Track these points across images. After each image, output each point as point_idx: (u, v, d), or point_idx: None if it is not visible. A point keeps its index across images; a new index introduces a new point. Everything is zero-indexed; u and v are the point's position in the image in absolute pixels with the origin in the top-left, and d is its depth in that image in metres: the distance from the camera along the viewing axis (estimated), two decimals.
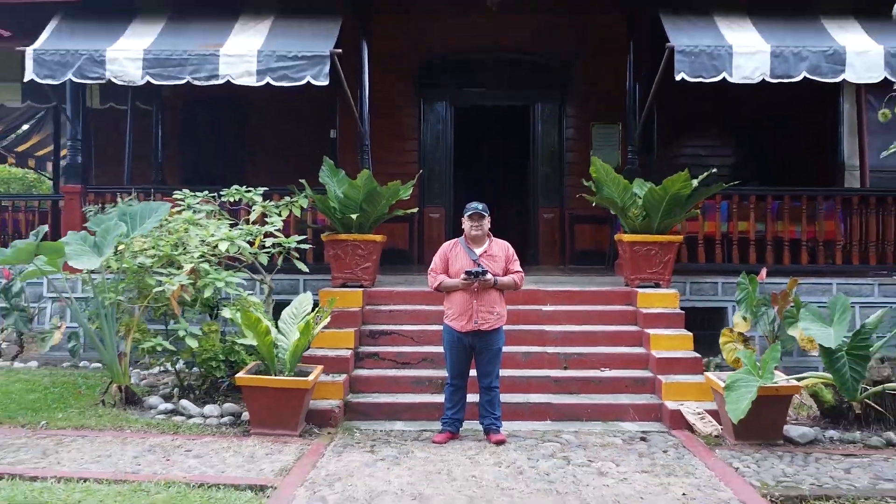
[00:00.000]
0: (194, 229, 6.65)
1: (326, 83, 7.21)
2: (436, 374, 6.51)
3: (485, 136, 12.12)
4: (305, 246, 7.27)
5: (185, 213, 6.89)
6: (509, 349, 6.34)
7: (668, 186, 7.16)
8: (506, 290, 5.81)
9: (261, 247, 6.89)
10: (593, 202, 7.96)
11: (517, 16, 9.80)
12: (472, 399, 5.86)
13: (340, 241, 7.51)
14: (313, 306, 6.40)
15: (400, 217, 8.14)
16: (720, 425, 5.84)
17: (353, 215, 7.38)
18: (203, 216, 6.96)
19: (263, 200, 7.37)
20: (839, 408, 6.00)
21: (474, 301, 5.62)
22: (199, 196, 7.25)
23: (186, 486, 4.49)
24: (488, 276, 5.60)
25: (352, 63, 8.14)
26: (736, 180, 8.52)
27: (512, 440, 5.66)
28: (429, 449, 5.45)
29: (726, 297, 7.99)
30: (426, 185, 10.29)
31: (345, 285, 7.51)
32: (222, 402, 6.36)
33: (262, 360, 6.00)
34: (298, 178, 7.84)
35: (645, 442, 5.70)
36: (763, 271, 7.39)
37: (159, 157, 10.50)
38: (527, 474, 4.90)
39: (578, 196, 8.65)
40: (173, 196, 7.28)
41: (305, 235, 7.45)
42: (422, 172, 9.71)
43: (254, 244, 6.85)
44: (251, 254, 6.76)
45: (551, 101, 10.55)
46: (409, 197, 7.73)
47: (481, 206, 5.78)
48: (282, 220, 7.20)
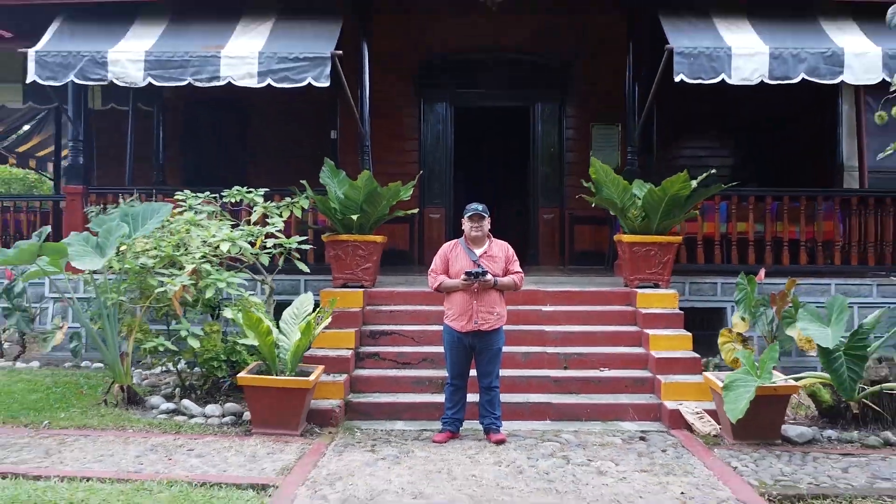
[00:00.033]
0: (196, 230, 6.68)
1: (327, 84, 7.24)
2: (436, 374, 6.54)
3: (485, 136, 12.14)
4: (306, 247, 7.29)
5: (187, 213, 6.92)
6: (509, 349, 6.37)
7: (667, 187, 7.19)
8: (506, 290, 5.84)
9: (262, 247, 6.92)
10: (593, 203, 7.98)
11: (517, 16, 9.81)
12: (473, 399, 5.89)
13: (341, 242, 7.54)
14: (314, 307, 6.43)
15: (400, 218, 8.17)
16: (719, 425, 5.87)
17: (354, 216, 7.41)
18: (204, 217, 6.99)
19: (264, 201, 7.41)
20: (837, 407, 6.03)
21: (474, 301, 5.65)
22: (200, 197, 7.28)
23: (189, 485, 4.52)
24: (488, 277, 5.63)
25: (352, 64, 8.17)
26: (735, 181, 8.54)
27: (512, 440, 5.69)
28: (429, 448, 5.48)
29: (725, 297, 8.02)
30: (426, 186, 10.30)
31: (345, 286, 7.53)
32: (224, 401, 6.40)
33: (263, 360, 6.03)
34: (299, 179, 7.87)
35: (644, 441, 5.73)
36: (761, 272, 7.41)
37: (160, 158, 10.54)
38: (526, 473, 4.93)
39: (578, 197, 8.67)
40: (175, 197, 7.31)
41: (306, 236, 7.48)
42: (422, 173, 9.72)
43: (255, 245, 6.89)
44: (252, 254, 6.79)
45: (551, 101, 10.56)
46: (409, 198, 7.75)
47: (481, 208, 5.80)
48: (283, 221, 7.23)
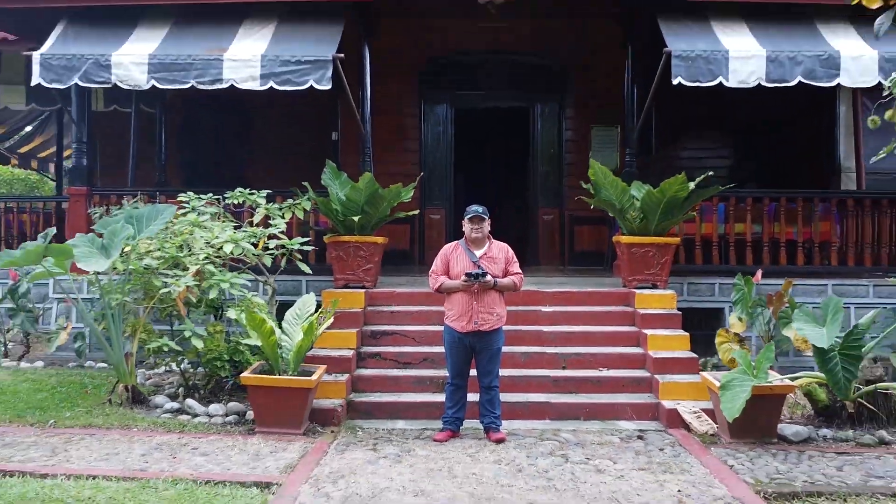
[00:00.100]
0: (199, 231, 6.75)
1: (329, 87, 7.29)
2: (437, 373, 6.60)
3: (487, 137, 12.21)
4: (308, 248, 7.34)
5: (190, 215, 6.97)
6: (509, 349, 6.44)
7: (665, 189, 7.24)
8: (505, 291, 5.90)
9: (264, 248, 6.99)
10: (591, 204, 8.02)
11: (517, 19, 9.87)
12: (473, 398, 5.96)
13: (343, 243, 7.60)
14: (316, 307, 6.49)
15: (401, 218, 8.24)
16: (716, 424, 5.93)
17: (355, 217, 7.47)
18: (208, 218, 7.05)
19: (267, 203, 7.47)
20: (833, 407, 6.09)
21: (474, 302, 5.72)
22: (203, 198, 7.34)
23: (193, 482, 4.59)
24: (488, 278, 5.69)
25: (354, 66, 8.22)
26: (733, 183, 8.57)
27: (511, 438, 5.75)
28: (430, 447, 5.54)
29: (723, 297, 8.08)
30: (427, 187, 10.36)
31: (347, 286, 7.59)
32: (227, 401, 6.46)
33: (266, 360, 6.10)
34: (301, 181, 7.93)
35: (642, 440, 5.80)
36: (758, 273, 7.45)
37: (163, 160, 10.61)
38: (526, 472, 5.00)
39: (577, 198, 8.73)
40: (178, 198, 7.37)
41: (308, 237, 7.52)
42: (423, 174, 9.77)
43: (257, 246, 6.95)
44: (255, 255, 6.86)
45: (551, 102, 10.64)
46: (410, 199, 7.81)
47: (481, 210, 5.86)
48: (285, 223, 7.28)
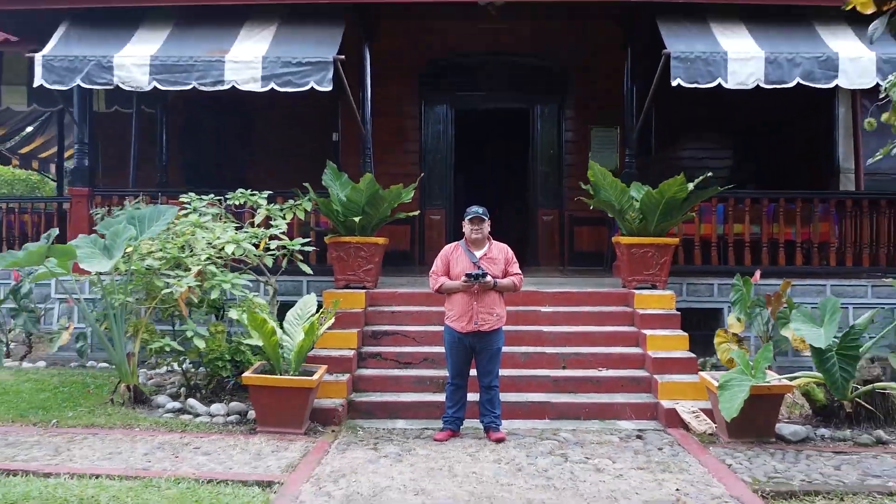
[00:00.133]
0: (201, 232, 6.78)
1: (330, 89, 7.33)
2: (437, 373, 6.63)
3: (487, 138, 12.23)
4: (309, 248, 7.38)
5: (192, 216, 7.02)
6: (509, 349, 6.47)
7: (664, 190, 7.27)
8: (505, 291, 5.93)
9: (266, 249, 7.03)
10: (591, 205, 8.04)
11: (517, 21, 9.89)
12: (473, 398, 5.99)
13: (343, 244, 7.63)
14: (317, 307, 6.53)
15: (401, 219, 8.27)
16: (714, 424, 5.97)
17: (356, 218, 7.50)
18: (209, 219, 7.09)
19: (268, 204, 7.51)
20: (831, 407, 6.12)
21: (474, 302, 5.75)
22: (204, 199, 7.37)
23: (196, 481, 4.62)
24: (488, 279, 5.73)
25: (354, 67, 8.24)
26: (732, 183, 8.59)
27: (511, 438, 5.78)
28: (430, 446, 5.58)
29: (722, 298, 8.11)
30: (427, 188, 10.37)
31: (348, 287, 7.63)
32: (228, 401, 6.49)
33: (267, 360, 6.13)
34: (302, 182, 7.96)
35: (641, 440, 5.83)
36: (757, 273, 7.48)
37: (164, 161, 10.64)
38: (526, 471, 5.03)
39: (577, 199, 8.76)
40: (179, 199, 7.40)
41: (309, 238, 7.56)
42: (423, 175, 9.80)
43: (259, 247, 6.99)
44: (256, 256, 6.90)
45: (551, 103, 10.64)
46: (410, 200, 7.84)
47: (481, 211, 5.90)
48: (286, 223, 7.33)
